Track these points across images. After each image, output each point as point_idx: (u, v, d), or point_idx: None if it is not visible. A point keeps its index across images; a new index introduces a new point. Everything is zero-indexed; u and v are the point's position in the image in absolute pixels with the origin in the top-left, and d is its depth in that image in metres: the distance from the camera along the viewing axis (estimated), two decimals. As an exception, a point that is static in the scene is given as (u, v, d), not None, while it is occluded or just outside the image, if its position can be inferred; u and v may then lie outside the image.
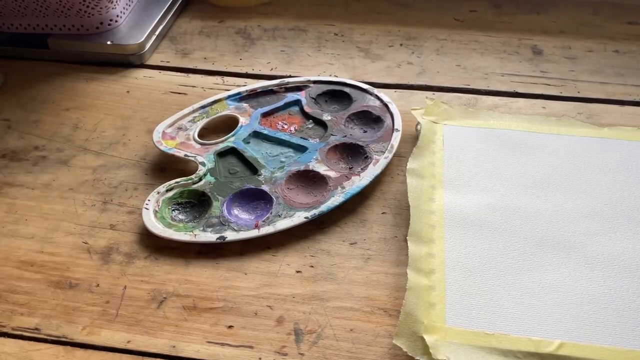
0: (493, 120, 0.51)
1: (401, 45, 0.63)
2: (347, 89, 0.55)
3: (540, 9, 0.68)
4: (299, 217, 0.43)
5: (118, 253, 0.43)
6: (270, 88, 0.55)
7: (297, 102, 0.54)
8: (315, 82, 0.56)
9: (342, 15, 0.68)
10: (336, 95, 0.55)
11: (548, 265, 0.40)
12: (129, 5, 0.65)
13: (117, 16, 0.63)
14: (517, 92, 0.56)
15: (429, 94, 0.56)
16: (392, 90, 0.56)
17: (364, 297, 0.40)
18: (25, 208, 0.46)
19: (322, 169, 0.47)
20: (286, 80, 0.56)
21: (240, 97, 0.54)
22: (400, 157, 0.49)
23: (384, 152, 0.48)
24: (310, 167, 0.47)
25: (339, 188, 0.46)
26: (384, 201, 0.46)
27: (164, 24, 0.65)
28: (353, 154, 0.49)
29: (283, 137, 0.50)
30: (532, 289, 0.38)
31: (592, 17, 0.66)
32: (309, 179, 0.47)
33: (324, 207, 0.44)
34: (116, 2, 0.62)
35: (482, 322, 0.37)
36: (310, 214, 0.44)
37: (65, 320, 0.39)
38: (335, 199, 0.45)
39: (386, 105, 0.52)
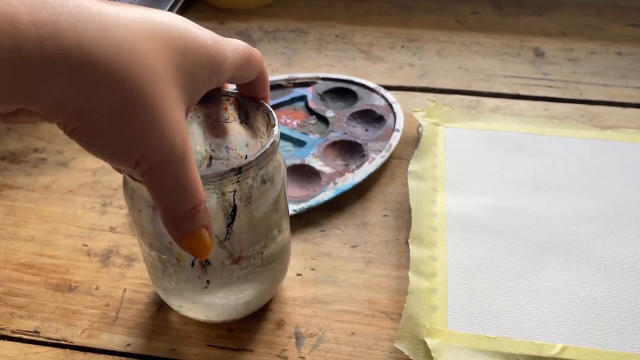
0: (495, 123, 0.51)
1: (402, 47, 0.63)
2: (354, 87, 0.55)
3: (542, 10, 0.68)
4: None
5: (118, 256, 0.43)
6: (278, 83, 0.56)
7: (303, 98, 0.54)
8: (323, 78, 0.56)
9: (343, 17, 0.68)
10: (342, 92, 0.55)
11: (550, 268, 0.39)
12: (130, 7, 0.65)
13: (118, 18, 0.62)
14: (519, 94, 0.56)
15: (430, 96, 0.56)
16: (394, 92, 0.56)
17: (365, 300, 0.39)
18: (24, 210, 0.46)
19: (317, 164, 0.47)
20: (295, 75, 0.56)
21: None
22: (401, 160, 0.49)
23: (381, 151, 0.48)
24: (306, 162, 0.48)
25: (331, 184, 0.46)
26: (385, 204, 0.46)
27: (164, 25, 0.65)
28: (351, 151, 0.49)
29: (284, 131, 0.51)
30: (535, 292, 0.38)
31: (594, 19, 0.66)
32: (304, 173, 0.47)
33: (313, 202, 0.44)
34: (117, 3, 0.62)
35: (484, 325, 0.36)
36: (298, 207, 0.44)
37: (65, 323, 0.38)
38: (326, 194, 0.45)
39: (390, 105, 0.52)
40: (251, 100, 0.33)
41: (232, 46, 0.29)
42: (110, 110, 0.24)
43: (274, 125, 0.32)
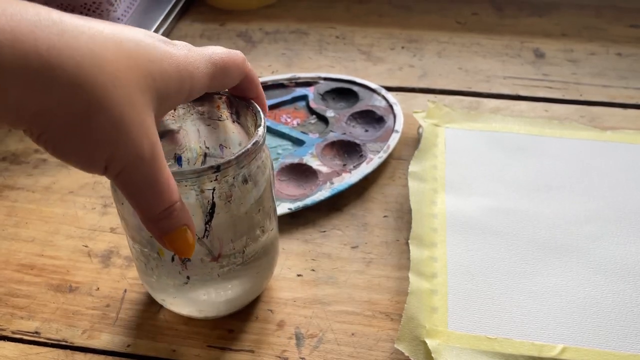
0: (495, 123, 0.51)
1: (403, 48, 0.63)
2: (355, 88, 0.55)
3: (542, 12, 0.68)
4: (282, 208, 0.44)
5: (118, 256, 0.43)
6: (281, 82, 0.56)
7: (304, 97, 0.55)
8: (325, 78, 0.56)
9: (343, 18, 0.68)
10: (344, 93, 0.55)
11: (551, 268, 0.39)
12: (130, 8, 0.65)
13: (118, 19, 0.62)
14: (519, 95, 0.56)
15: (430, 96, 0.56)
16: (394, 93, 0.56)
17: (366, 301, 0.39)
18: (25, 211, 0.46)
19: (315, 164, 0.47)
20: (297, 75, 0.56)
21: None
22: (401, 160, 0.49)
23: (379, 152, 0.48)
24: (304, 161, 0.48)
25: (328, 183, 0.46)
26: (386, 204, 0.46)
27: (165, 27, 0.65)
28: (349, 151, 0.49)
29: (283, 130, 0.51)
30: (535, 293, 0.38)
31: (594, 20, 0.66)
32: (302, 172, 0.47)
33: (308, 201, 0.44)
34: (117, 4, 0.62)
35: (484, 326, 0.36)
36: (294, 205, 0.44)
37: (65, 323, 0.38)
38: (322, 194, 0.45)
39: (391, 106, 0.52)
40: (242, 99, 0.34)
41: (205, 57, 0.29)
42: (72, 115, 0.24)
43: (259, 126, 0.32)
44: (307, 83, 0.56)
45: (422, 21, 0.67)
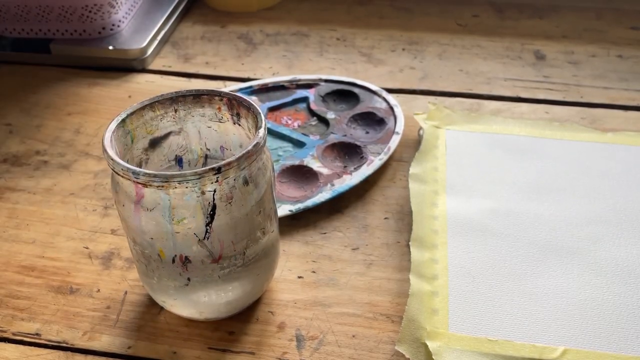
0: (496, 125, 0.51)
1: (403, 50, 0.63)
2: (356, 90, 0.55)
3: (543, 14, 0.68)
4: (283, 210, 0.44)
5: (119, 258, 0.43)
6: (281, 84, 0.56)
7: (305, 99, 0.55)
8: (326, 80, 0.56)
9: (344, 20, 0.68)
10: (344, 94, 0.55)
11: (552, 271, 0.39)
12: (131, 10, 0.65)
13: (119, 21, 0.63)
14: (520, 97, 0.56)
15: (431, 98, 0.56)
16: (395, 95, 0.56)
17: (366, 302, 0.39)
18: (26, 213, 0.46)
19: (315, 165, 0.47)
20: (298, 77, 0.56)
21: (252, 91, 0.55)
22: (402, 162, 0.49)
23: (380, 154, 0.48)
24: (305, 163, 0.48)
25: (328, 185, 0.46)
26: (386, 206, 0.46)
27: (166, 28, 0.65)
28: (350, 153, 0.49)
29: (284, 132, 0.51)
30: (536, 295, 0.38)
31: (595, 22, 0.66)
32: (302, 174, 0.47)
33: (309, 202, 0.44)
34: (118, 7, 0.62)
35: (485, 328, 0.36)
36: (295, 207, 0.44)
37: (66, 325, 0.38)
38: (322, 195, 0.45)
39: (392, 108, 0.52)
40: (242, 101, 0.34)
41: None
42: None
43: (260, 128, 0.32)
44: (308, 85, 0.56)
45: (422, 23, 0.67)
